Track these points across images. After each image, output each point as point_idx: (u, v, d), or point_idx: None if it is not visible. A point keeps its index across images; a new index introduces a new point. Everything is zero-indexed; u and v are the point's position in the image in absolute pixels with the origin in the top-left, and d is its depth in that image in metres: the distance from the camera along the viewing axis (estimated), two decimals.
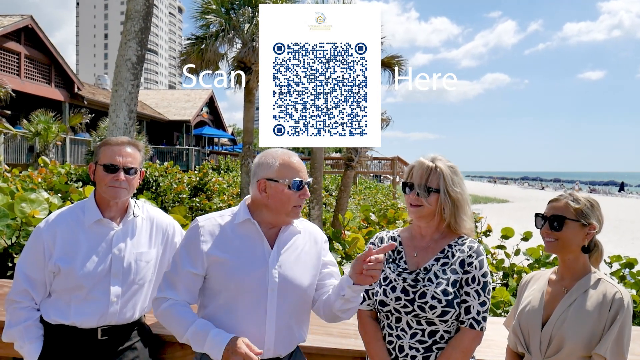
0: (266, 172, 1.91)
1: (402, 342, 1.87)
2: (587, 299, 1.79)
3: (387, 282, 1.92)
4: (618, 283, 3.58)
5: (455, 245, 1.92)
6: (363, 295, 1.97)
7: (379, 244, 2.02)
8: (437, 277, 1.87)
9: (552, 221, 1.85)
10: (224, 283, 1.89)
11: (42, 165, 8.38)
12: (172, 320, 1.87)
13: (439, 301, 1.82)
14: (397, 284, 1.90)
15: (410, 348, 1.86)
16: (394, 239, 2.03)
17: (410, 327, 1.87)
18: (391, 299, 1.88)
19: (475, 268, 1.87)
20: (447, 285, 1.85)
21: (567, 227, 1.83)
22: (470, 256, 1.89)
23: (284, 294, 1.91)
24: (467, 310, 1.85)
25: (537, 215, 1.93)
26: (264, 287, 1.89)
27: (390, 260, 1.98)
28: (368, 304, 1.98)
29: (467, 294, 1.85)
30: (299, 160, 1.96)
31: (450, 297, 1.83)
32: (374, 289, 1.96)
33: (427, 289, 1.85)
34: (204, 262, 1.89)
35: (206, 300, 1.96)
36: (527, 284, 2.03)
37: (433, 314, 1.83)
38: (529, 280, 2.04)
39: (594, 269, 1.89)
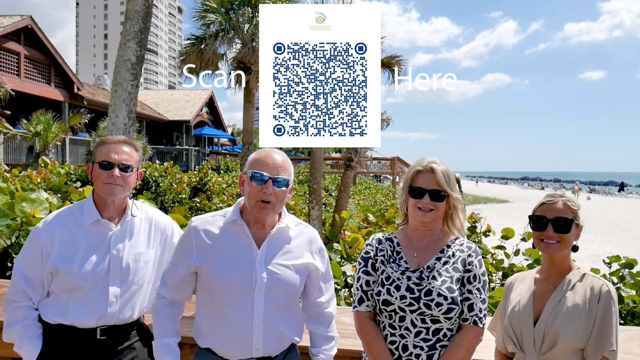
0: (245, 167, 1.99)
1: (406, 341, 1.87)
2: (575, 294, 1.84)
3: (390, 281, 1.92)
4: (618, 282, 3.60)
5: (453, 246, 1.98)
6: (362, 296, 1.99)
7: (377, 245, 2.03)
8: (440, 275, 1.90)
9: (558, 223, 1.86)
10: (211, 284, 1.93)
11: (42, 165, 8.37)
12: (155, 322, 2.05)
13: (445, 298, 1.85)
14: (402, 282, 1.91)
15: (415, 347, 1.86)
16: (390, 239, 2.04)
17: (414, 326, 1.88)
18: (396, 298, 1.88)
19: (476, 267, 1.94)
20: (451, 282, 1.89)
21: (572, 229, 1.87)
22: (470, 255, 1.96)
23: (271, 294, 1.92)
24: (470, 308, 1.89)
25: (535, 216, 1.92)
26: (250, 287, 1.91)
27: (391, 260, 1.98)
28: (367, 305, 1.98)
29: (470, 291, 1.91)
30: (276, 157, 1.95)
31: (455, 295, 1.87)
32: (374, 289, 1.96)
33: (433, 287, 1.87)
34: (192, 265, 1.96)
35: (198, 299, 2.03)
36: (513, 285, 2.05)
37: (439, 311, 1.85)
38: (513, 282, 2.06)
39: (576, 265, 1.93)
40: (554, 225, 1.86)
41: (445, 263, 1.93)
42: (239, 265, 1.92)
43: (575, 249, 1.91)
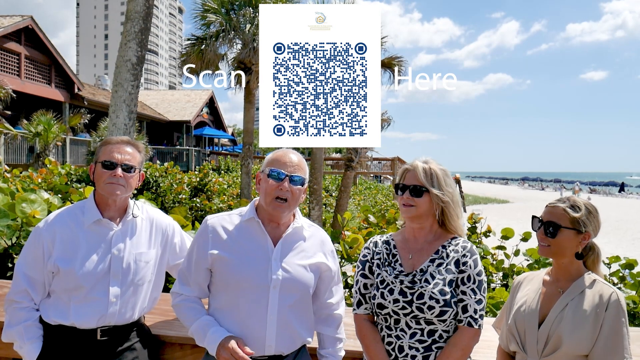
0: (262, 166, 2.03)
1: (402, 342, 1.89)
2: (583, 300, 1.81)
3: (385, 285, 1.95)
4: (618, 283, 3.60)
5: (448, 246, 1.97)
6: (360, 299, 2.02)
7: (374, 249, 2.05)
8: (433, 277, 1.90)
9: (547, 227, 1.86)
10: (226, 280, 1.95)
11: (47, 165, 8.37)
12: (182, 315, 2.03)
13: (437, 301, 1.85)
14: (395, 286, 1.92)
15: (410, 348, 1.88)
16: (387, 242, 2.06)
17: (409, 328, 1.89)
18: (389, 302, 1.90)
19: (470, 267, 1.92)
20: (444, 285, 1.88)
21: (561, 235, 1.85)
22: (464, 255, 1.93)
23: (285, 292, 1.95)
24: (465, 309, 1.89)
25: (534, 217, 1.94)
26: (265, 284, 1.93)
27: (387, 263, 2.00)
28: (365, 308, 2.01)
29: (464, 292, 1.89)
30: (293, 157, 2.00)
31: (447, 297, 1.86)
32: (371, 292, 1.99)
33: (425, 290, 1.87)
34: (208, 259, 1.97)
35: (213, 296, 2.03)
36: (520, 284, 2.04)
37: (432, 314, 1.85)
38: (522, 281, 2.05)
39: (587, 270, 1.91)
40: (544, 229, 1.87)
41: (439, 265, 1.92)
42: (255, 262, 1.95)
43: (578, 256, 1.87)
